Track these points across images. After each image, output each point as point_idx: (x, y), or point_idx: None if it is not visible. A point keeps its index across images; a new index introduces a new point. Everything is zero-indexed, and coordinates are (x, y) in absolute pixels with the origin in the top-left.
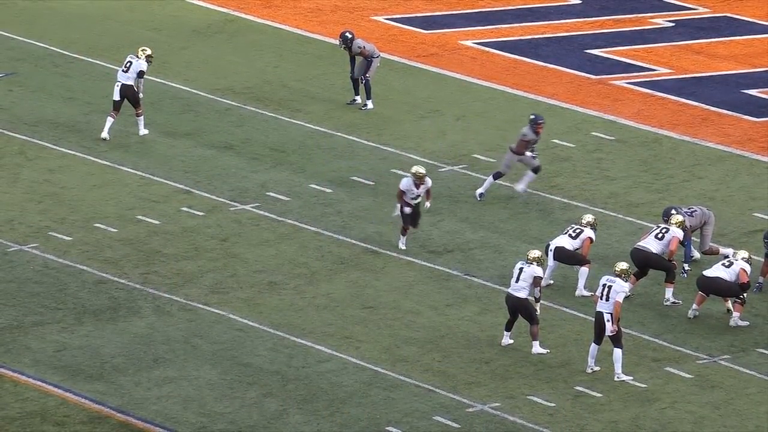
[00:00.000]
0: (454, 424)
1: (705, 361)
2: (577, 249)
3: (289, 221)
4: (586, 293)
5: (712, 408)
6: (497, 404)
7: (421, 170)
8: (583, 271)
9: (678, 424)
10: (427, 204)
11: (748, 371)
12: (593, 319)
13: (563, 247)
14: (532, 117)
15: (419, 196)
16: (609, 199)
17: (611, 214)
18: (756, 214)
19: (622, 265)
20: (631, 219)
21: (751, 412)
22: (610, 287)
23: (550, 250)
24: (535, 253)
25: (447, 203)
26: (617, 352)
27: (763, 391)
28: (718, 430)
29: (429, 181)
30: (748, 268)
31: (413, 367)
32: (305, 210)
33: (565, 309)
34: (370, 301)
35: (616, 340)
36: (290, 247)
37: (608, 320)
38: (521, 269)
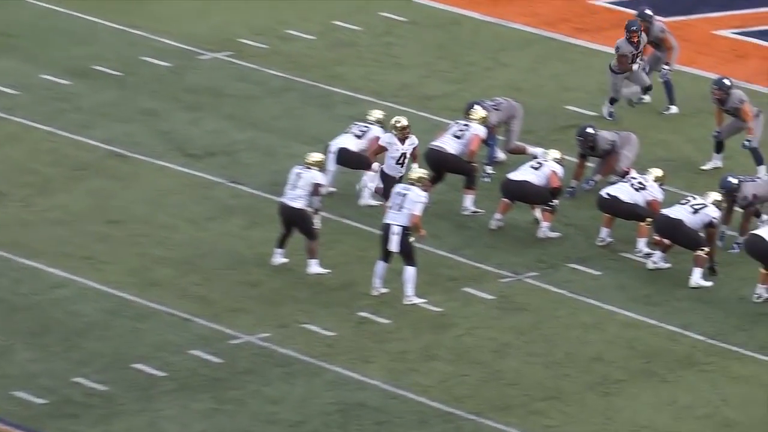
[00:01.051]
0: (215, 359)
1: (509, 279)
2: (364, 150)
3: (17, 119)
4: (373, 202)
5: (516, 334)
6: (266, 334)
7: (404, 121)
8: (370, 176)
9: (477, 353)
10: (415, 165)
11: (557, 290)
12: (381, 233)
13: (347, 148)
14: (628, 23)
15: (404, 156)
16: (400, 91)
17: (403, 108)
18: (569, 108)
19: (419, 172)
20: (425, 114)
21: (560, 337)
22: (404, 196)
23: (331, 152)
24: (315, 156)
25: (209, 97)
26: (408, 271)
27: (574, 313)
28: (523, 358)
29: (415, 138)
30: (559, 170)
31: (167, 292)
32: (37, 106)
33: (348, 221)
34: (115, 214)
35: (408, 257)
36: (17, 150)
37: (397, 233)
38: (298, 175)
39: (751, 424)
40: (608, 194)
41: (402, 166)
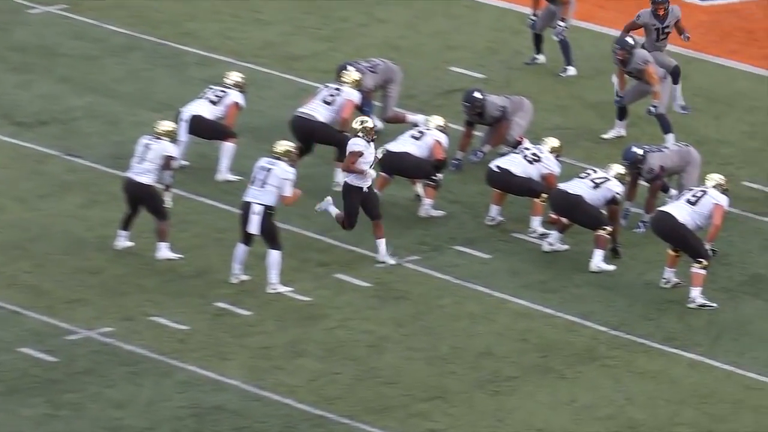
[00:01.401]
0: (49, 357)
1: (386, 264)
2: (220, 118)
3: None
4: (231, 177)
5: (394, 326)
6: (109, 329)
7: (369, 123)
8: (228, 147)
9: (350, 348)
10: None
11: (441, 276)
12: (240, 213)
13: (201, 116)
14: None
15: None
16: (262, 51)
17: (264, 70)
18: (453, 69)
19: (285, 145)
20: (290, 77)
21: (445, 329)
22: (269, 171)
23: (183, 120)
24: (165, 125)
25: (40, 57)
26: (272, 256)
27: (460, 302)
28: (402, 353)
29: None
30: (443, 139)
31: None
32: None
33: (203, 199)
34: None
35: (271, 239)
36: None
37: (258, 213)
38: (146, 146)
39: (658, 425)
40: (498, 167)
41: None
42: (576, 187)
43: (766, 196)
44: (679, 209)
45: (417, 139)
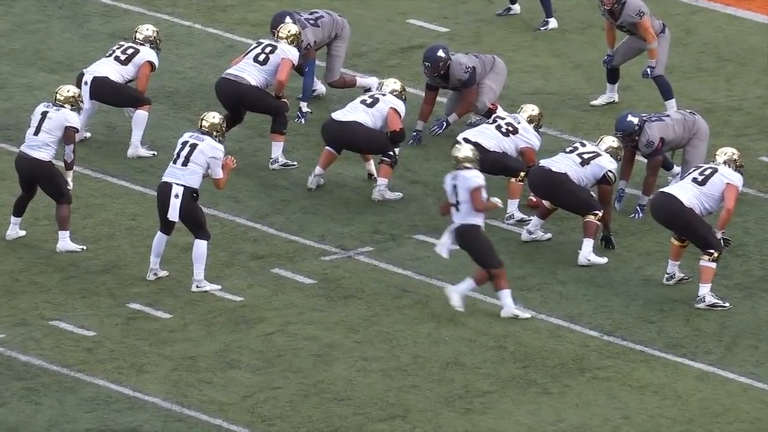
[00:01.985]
0: None
1: (334, 257)
2: (130, 80)
3: None
4: (145, 153)
5: (345, 331)
6: (1, 336)
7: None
8: (140, 116)
9: (292, 358)
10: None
11: (400, 271)
12: (157, 196)
13: (107, 78)
14: None
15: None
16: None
17: (184, 22)
18: (411, 22)
19: (213, 117)
20: (215, 31)
21: (405, 335)
22: (194, 147)
23: (86, 83)
24: (66, 89)
25: None
26: (199, 247)
27: (423, 302)
28: (355, 364)
29: None
30: (400, 107)
31: None
32: None
33: (112, 179)
34: None
35: (197, 227)
36: None
37: (179, 196)
38: (43, 115)
39: None
40: (466, 140)
41: None
42: (560, 163)
43: None
44: (684, 190)
45: (369, 106)
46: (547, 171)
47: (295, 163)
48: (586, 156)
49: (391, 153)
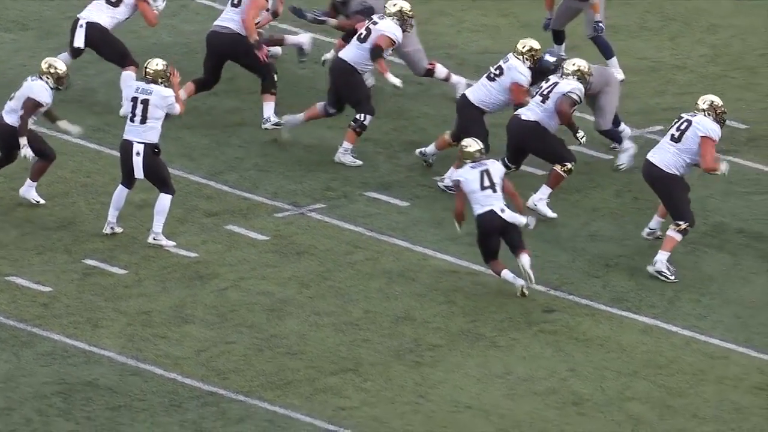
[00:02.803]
0: None
1: (287, 213)
2: (125, 20)
3: None
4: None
5: (298, 286)
6: None
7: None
8: (126, 76)
9: (246, 313)
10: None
11: (352, 227)
12: (121, 154)
13: (98, 24)
14: None
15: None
16: None
17: None
18: None
19: (156, 65)
20: None
21: (357, 290)
22: (146, 103)
23: (81, 27)
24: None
25: None
26: (163, 200)
27: (374, 258)
28: (307, 319)
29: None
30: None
31: None
32: None
33: (67, 137)
34: None
35: (162, 181)
36: None
37: (138, 153)
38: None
39: (607, 400)
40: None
41: None
42: (530, 111)
43: (730, 130)
44: (662, 153)
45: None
46: (518, 119)
47: (279, 121)
48: (545, 92)
49: (361, 119)
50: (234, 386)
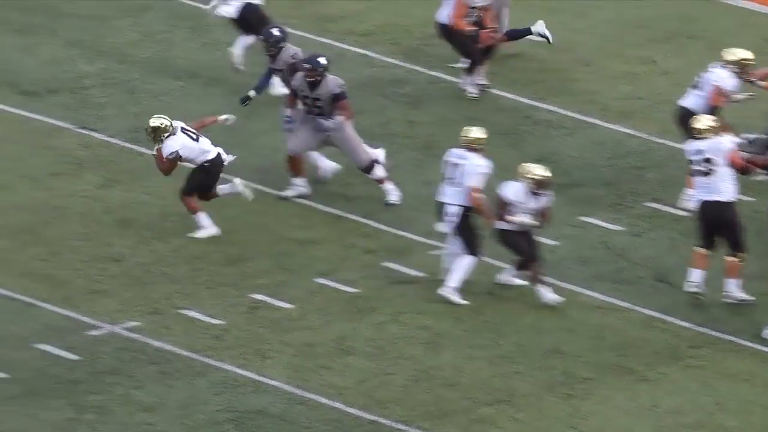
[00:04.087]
0: (70, 355)
1: (441, 251)
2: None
3: None
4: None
5: (454, 320)
6: (135, 323)
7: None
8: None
9: (404, 346)
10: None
11: (503, 265)
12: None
13: None
14: None
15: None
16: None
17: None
18: None
19: (476, 132)
20: (326, 41)
21: (509, 324)
22: (460, 166)
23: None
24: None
25: (45, 17)
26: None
27: (525, 294)
28: (463, 352)
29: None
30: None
31: (2, 270)
32: None
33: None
34: None
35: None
36: None
37: (453, 215)
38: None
39: None
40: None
41: None
42: None
43: None
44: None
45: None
46: None
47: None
48: None
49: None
50: (394, 415)
